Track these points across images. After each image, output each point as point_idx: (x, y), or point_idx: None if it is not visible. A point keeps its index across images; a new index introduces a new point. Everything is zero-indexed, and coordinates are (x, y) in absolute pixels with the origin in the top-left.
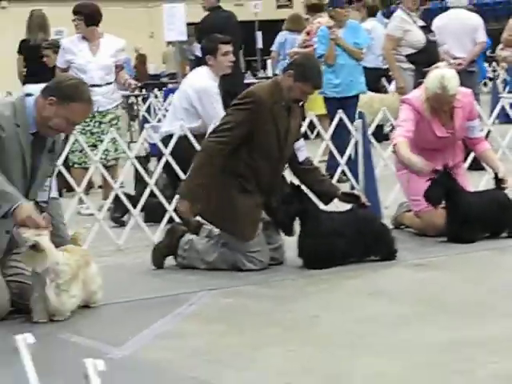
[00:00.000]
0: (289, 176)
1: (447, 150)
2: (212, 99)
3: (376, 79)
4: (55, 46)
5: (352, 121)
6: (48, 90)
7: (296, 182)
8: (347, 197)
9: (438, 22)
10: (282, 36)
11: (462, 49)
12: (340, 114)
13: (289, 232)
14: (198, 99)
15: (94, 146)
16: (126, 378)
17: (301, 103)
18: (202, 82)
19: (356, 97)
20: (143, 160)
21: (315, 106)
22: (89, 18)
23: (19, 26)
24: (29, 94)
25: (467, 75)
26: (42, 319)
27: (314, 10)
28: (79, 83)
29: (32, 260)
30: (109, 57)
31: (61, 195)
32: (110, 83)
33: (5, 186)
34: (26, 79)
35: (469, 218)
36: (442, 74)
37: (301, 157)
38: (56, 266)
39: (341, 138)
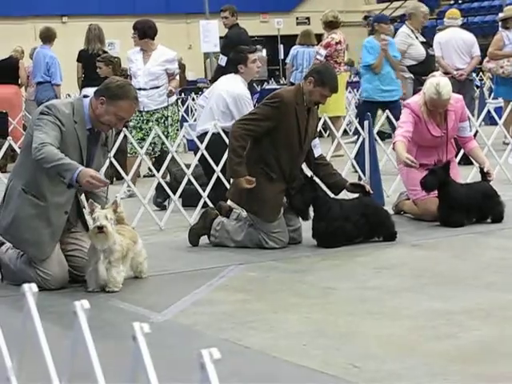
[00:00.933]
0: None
1: (441, 147)
2: (246, 103)
3: None
4: (108, 60)
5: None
6: (99, 91)
7: (309, 174)
8: (354, 187)
9: (440, 39)
10: (294, 49)
11: (462, 61)
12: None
13: (305, 217)
14: (233, 104)
15: (143, 139)
16: (166, 339)
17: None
18: (237, 89)
19: (398, 101)
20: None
21: (327, 108)
22: (141, 32)
23: (77, 38)
24: (85, 96)
25: (467, 83)
26: (95, 289)
27: (330, 26)
28: (125, 84)
29: (96, 238)
30: (156, 65)
31: (111, 183)
32: (157, 87)
33: (63, 158)
34: (83, 83)
35: (458, 206)
36: (438, 82)
37: (316, 153)
38: (112, 246)
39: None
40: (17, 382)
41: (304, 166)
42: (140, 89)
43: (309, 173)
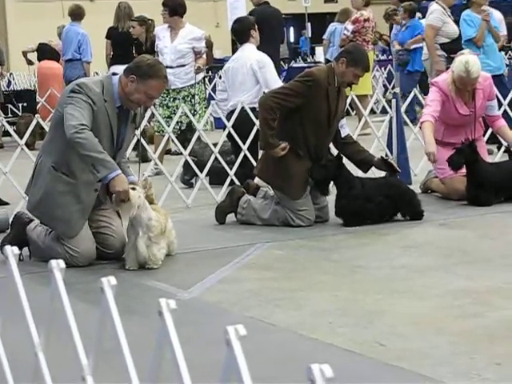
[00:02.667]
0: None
1: (469, 126)
2: (271, 66)
3: None
4: (142, 20)
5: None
6: (129, 69)
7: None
8: (382, 164)
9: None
10: (332, 26)
11: None
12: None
13: (323, 191)
14: (258, 68)
15: (170, 117)
16: (193, 316)
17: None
18: (260, 54)
19: (502, 75)
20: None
21: (354, 87)
22: (171, 9)
23: (105, 16)
24: (114, 74)
25: None
26: (132, 267)
27: (366, 4)
28: (155, 62)
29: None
30: (183, 43)
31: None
32: (183, 65)
33: (103, 153)
34: (112, 61)
35: (486, 185)
36: (467, 60)
37: (343, 133)
38: (149, 222)
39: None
40: (44, 358)
41: (331, 146)
42: (167, 66)
43: (336, 152)
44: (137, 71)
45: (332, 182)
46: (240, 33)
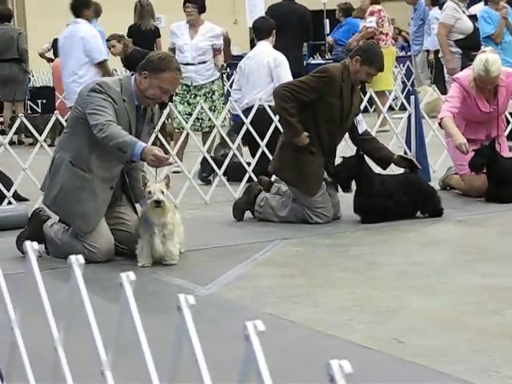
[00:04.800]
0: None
1: (491, 123)
2: (287, 66)
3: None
4: (119, 37)
5: None
6: (142, 66)
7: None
8: (401, 161)
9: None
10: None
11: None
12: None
13: (347, 189)
14: (274, 65)
15: (190, 114)
16: (210, 312)
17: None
18: (276, 52)
19: None
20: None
21: (374, 83)
22: (201, 7)
23: (124, 13)
24: (133, 73)
25: None
26: (146, 264)
27: (374, 2)
28: (166, 55)
29: (153, 212)
30: (204, 40)
31: None
32: (204, 62)
33: (126, 135)
34: None
35: (507, 182)
36: (486, 58)
37: (360, 129)
38: (164, 219)
39: None
40: (64, 353)
41: (350, 143)
42: (188, 64)
43: (355, 149)
44: (148, 66)
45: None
46: (260, 30)
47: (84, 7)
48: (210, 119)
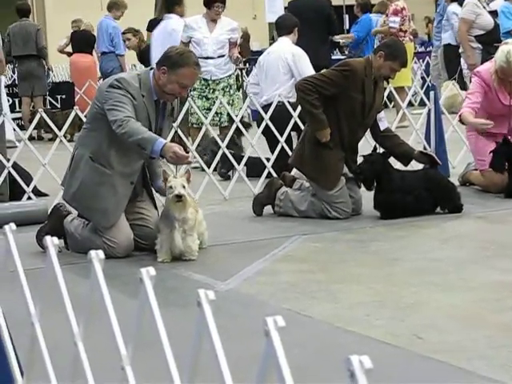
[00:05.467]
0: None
1: None
2: (306, 60)
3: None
4: (134, 30)
5: None
6: (160, 61)
7: (380, 149)
8: (422, 157)
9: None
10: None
11: None
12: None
13: (369, 186)
14: (293, 60)
15: (209, 109)
16: (230, 308)
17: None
18: (296, 48)
19: None
20: (246, 124)
21: (395, 78)
22: (225, 4)
23: (145, 6)
24: (152, 68)
25: None
26: (166, 259)
27: None
28: (184, 51)
29: (174, 206)
30: (222, 34)
31: None
32: (223, 56)
33: (145, 132)
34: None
35: None
36: (508, 50)
37: (382, 126)
38: (184, 215)
39: None
40: (84, 348)
41: (370, 139)
42: (208, 57)
43: (378, 148)
44: (167, 62)
45: None
46: (282, 26)
47: (176, 4)
48: (228, 114)
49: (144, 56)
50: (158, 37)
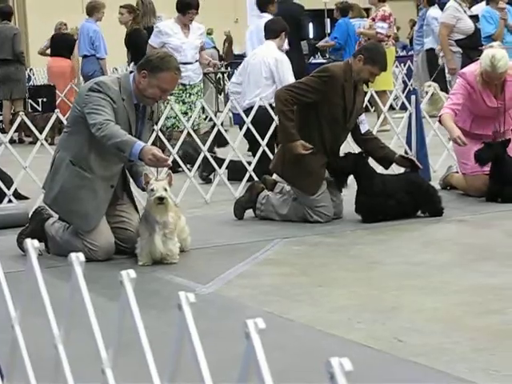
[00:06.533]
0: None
1: (498, 118)
2: (288, 67)
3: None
4: (131, 7)
5: None
6: (140, 65)
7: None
8: (403, 161)
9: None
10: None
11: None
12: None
13: (340, 184)
14: (275, 65)
15: (185, 113)
16: (211, 311)
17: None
18: (279, 53)
19: None
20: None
21: (374, 82)
22: (197, 7)
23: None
24: (132, 72)
25: None
26: (146, 263)
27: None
28: (165, 55)
29: (156, 209)
30: (196, 39)
31: None
32: (197, 61)
33: (124, 135)
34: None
35: (510, 181)
36: (493, 54)
37: (363, 129)
38: (166, 218)
39: None
40: (64, 351)
41: (352, 142)
42: (187, 63)
43: (358, 149)
44: (148, 65)
45: (353, 177)
46: (269, 29)
47: (269, 3)
48: (199, 117)
49: (131, 39)
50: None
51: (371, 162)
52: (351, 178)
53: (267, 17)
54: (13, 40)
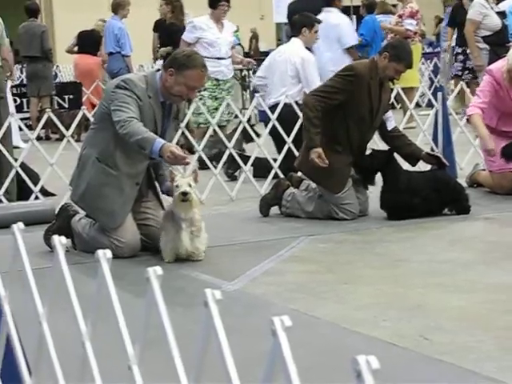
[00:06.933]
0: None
1: None
2: (314, 67)
3: None
4: (171, 2)
5: None
6: (167, 63)
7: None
8: (429, 158)
9: None
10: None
11: None
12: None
13: (368, 181)
14: (301, 65)
15: (216, 109)
16: (237, 308)
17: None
18: (305, 52)
19: None
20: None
21: (401, 79)
22: (229, 3)
23: (149, 8)
24: (159, 70)
25: None
26: (171, 260)
27: None
28: (191, 53)
29: (180, 205)
30: (229, 35)
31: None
32: (230, 57)
33: (146, 132)
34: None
35: None
36: None
37: (390, 126)
38: (193, 215)
39: None
40: (91, 347)
41: (378, 139)
42: (220, 58)
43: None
44: (174, 63)
45: (380, 175)
46: (293, 26)
47: None
48: (228, 113)
49: (161, 29)
50: (320, 31)
51: (398, 158)
52: (378, 176)
53: (334, 11)
54: (41, 37)
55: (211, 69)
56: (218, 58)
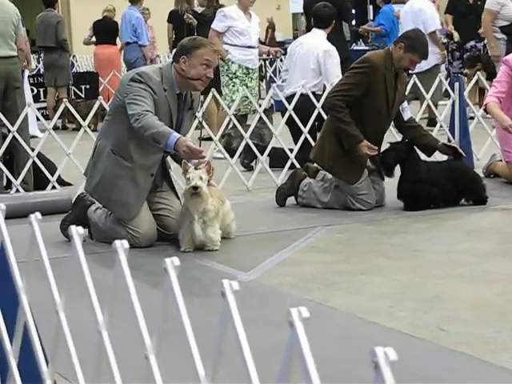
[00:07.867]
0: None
1: None
2: (337, 61)
3: None
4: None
5: None
6: (177, 54)
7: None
8: (446, 149)
9: None
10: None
11: None
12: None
13: (389, 174)
14: (324, 58)
15: (246, 97)
16: (253, 298)
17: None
18: (326, 44)
19: None
20: (269, 111)
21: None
22: None
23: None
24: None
25: None
26: (188, 249)
27: None
28: (195, 37)
29: (190, 199)
30: (256, 25)
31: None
32: (257, 46)
33: (161, 126)
34: (174, 44)
35: None
36: None
37: (405, 116)
38: (205, 206)
39: None
40: (108, 337)
41: (393, 129)
42: (250, 47)
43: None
44: (183, 50)
45: (399, 165)
46: (320, 18)
47: None
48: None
49: (176, 20)
50: (406, 16)
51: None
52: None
53: None
54: (56, 27)
55: (242, 57)
56: (249, 47)
